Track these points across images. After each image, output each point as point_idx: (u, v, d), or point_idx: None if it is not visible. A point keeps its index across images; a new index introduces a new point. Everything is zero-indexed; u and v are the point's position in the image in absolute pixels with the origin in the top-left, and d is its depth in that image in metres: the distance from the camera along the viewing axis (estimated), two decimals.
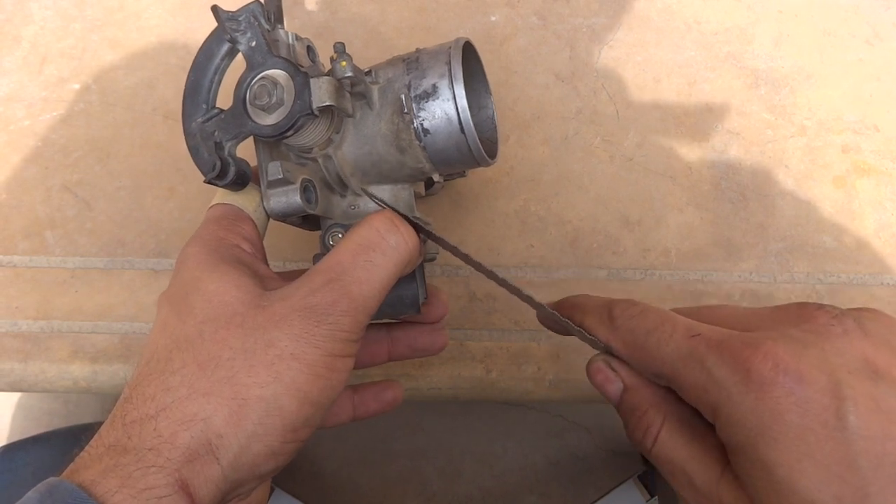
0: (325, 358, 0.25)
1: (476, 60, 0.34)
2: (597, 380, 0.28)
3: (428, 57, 0.30)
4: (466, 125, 0.29)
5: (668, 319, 0.26)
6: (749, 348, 0.23)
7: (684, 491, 0.25)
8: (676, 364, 0.25)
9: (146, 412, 0.24)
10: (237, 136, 0.29)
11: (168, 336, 0.26)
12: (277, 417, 0.24)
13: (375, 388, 0.35)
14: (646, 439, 0.26)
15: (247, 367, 0.24)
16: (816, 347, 0.22)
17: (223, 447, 0.23)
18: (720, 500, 0.24)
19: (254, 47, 0.29)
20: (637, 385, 0.27)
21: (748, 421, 0.22)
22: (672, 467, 0.26)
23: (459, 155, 0.30)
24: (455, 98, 0.29)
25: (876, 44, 0.46)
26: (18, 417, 1.00)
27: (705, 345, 0.24)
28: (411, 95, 0.29)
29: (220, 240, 0.28)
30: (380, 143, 0.30)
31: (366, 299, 0.26)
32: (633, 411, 0.27)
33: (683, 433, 0.26)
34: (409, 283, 0.32)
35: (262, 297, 0.26)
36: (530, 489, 0.95)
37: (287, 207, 0.29)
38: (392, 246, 0.28)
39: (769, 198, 0.42)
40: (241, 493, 0.26)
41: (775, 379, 0.22)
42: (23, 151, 0.44)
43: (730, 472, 0.24)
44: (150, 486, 0.22)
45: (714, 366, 0.23)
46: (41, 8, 0.47)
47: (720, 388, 0.23)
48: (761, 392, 0.22)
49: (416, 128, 0.30)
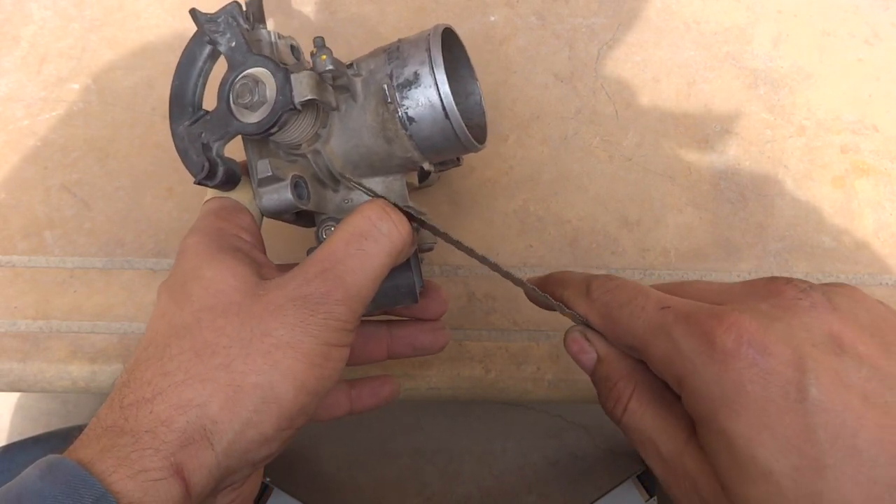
0: (320, 347, 0.25)
1: (459, 47, 0.33)
2: (572, 350, 0.29)
3: (408, 45, 0.30)
4: (450, 110, 0.29)
5: (641, 293, 0.26)
6: (714, 319, 0.23)
7: (651, 460, 0.26)
8: (646, 336, 0.25)
9: (143, 395, 0.24)
10: (223, 136, 0.29)
11: (166, 323, 0.26)
12: (273, 405, 0.24)
13: (372, 382, 0.35)
14: (616, 409, 0.27)
15: (243, 354, 0.25)
16: (782, 321, 0.22)
17: (218, 433, 0.24)
18: (684, 469, 0.24)
19: (234, 47, 0.29)
20: (610, 356, 0.28)
21: (711, 392, 0.22)
22: (640, 436, 0.26)
23: (446, 141, 0.30)
24: (437, 84, 0.29)
25: (875, 44, 0.46)
26: (17, 417, 1.00)
27: (673, 317, 0.24)
28: (394, 85, 0.29)
29: (219, 230, 0.29)
30: (366, 135, 0.30)
31: (360, 288, 0.27)
32: (605, 381, 0.28)
33: (652, 404, 0.26)
34: (405, 272, 0.32)
35: (259, 286, 0.26)
36: (529, 489, 0.95)
37: (279, 204, 0.29)
38: (384, 233, 0.28)
39: (768, 198, 0.42)
40: (235, 480, 0.26)
41: (738, 350, 0.22)
42: (22, 151, 0.44)
43: (694, 442, 0.24)
44: (145, 468, 0.22)
45: (680, 337, 0.23)
46: (40, 8, 0.47)
47: (685, 359, 0.23)
48: (724, 363, 0.22)
49: (401, 117, 0.29)
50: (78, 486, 0.21)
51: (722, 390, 0.22)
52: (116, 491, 0.22)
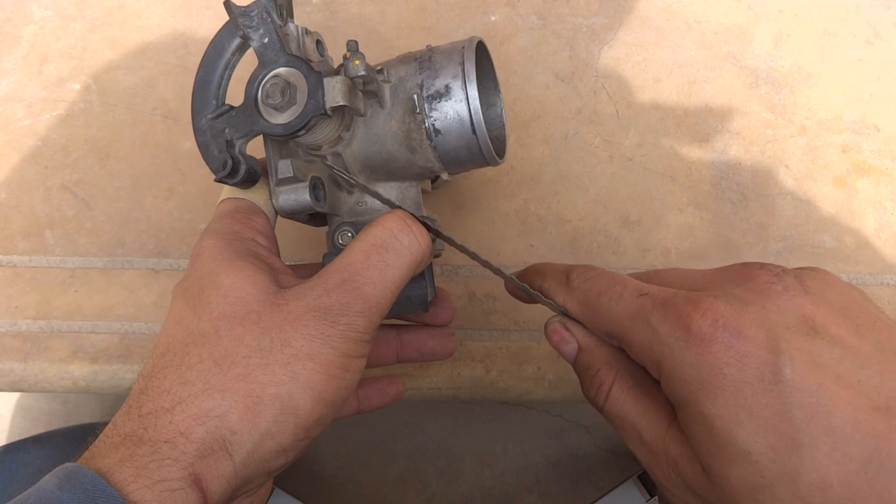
0: (339, 358, 0.25)
1: (486, 58, 0.33)
2: (553, 340, 0.29)
3: (441, 56, 0.30)
4: (478, 126, 0.29)
5: (619, 281, 0.27)
6: (690, 305, 0.23)
7: (634, 446, 0.26)
8: (625, 323, 0.26)
9: (162, 405, 0.24)
10: (248, 134, 0.28)
11: (184, 330, 0.26)
12: (291, 416, 0.24)
13: (380, 383, 0.36)
14: (598, 396, 0.27)
15: (262, 365, 0.24)
16: (756, 304, 0.23)
17: (237, 444, 0.24)
18: (666, 453, 0.24)
19: (266, 44, 0.29)
20: (590, 345, 0.28)
21: (689, 376, 0.23)
22: (623, 423, 0.26)
23: (470, 155, 0.30)
24: (468, 99, 0.29)
25: (876, 43, 0.46)
26: (18, 417, 1.00)
27: (651, 303, 0.25)
28: (423, 95, 0.29)
29: (236, 234, 0.28)
30: (390, 142, 0.30)
31: (379, 300, 0.27)
32: (586, 370, 0.28)
33: (633, 390, 0.26)
34: (418, 282, 0.32)
35: (278, 295, 0.26)
36: (530, 489, 0.95)
37: (296, 205, 0.29)
38: (405, 246, 0.28)
39: (769, 197, 0.42)
40: (250, 489, 0.26)
41: (714, 334, 0.22)
42: (22, 151, 0.44)
43: (675, 427, 0.24)
44: (164, 479, 0.22)
45: (658, 323, 0.24)
46: (41, 8, 0.47)
47: (663, 345, 0.24)
48: (701, 347, 0.22)
49: (428, 128, 0.29)
50: (96, 496, 0.21)
51: (699, 374, 0.22)
52: (134, 501, 0.21)
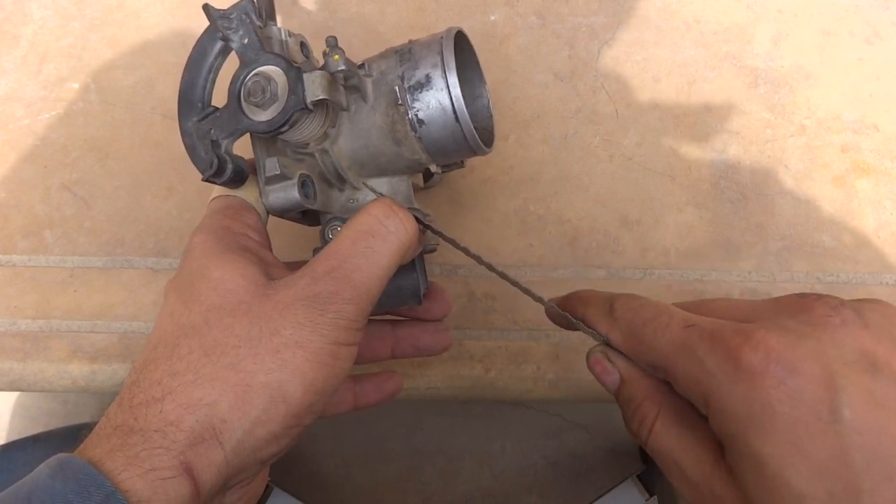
0: (329, 346, 0.25)
1: (469, 50, 0.33)
2: (595, 370, 0.28)
3: (420, 47, 0.30)
4: (461, 114, 0.29)
5: (665, 311, 0.26)
6: (740, 337, 0.22)
7: (679, 483, 0.25)
8: (670, 355, 0.24)
9: (153, 395, 0.24)
10: (233, 133, 0.29)
11: (175, 323, 0.26)
12: (282, 404, 0.25)
13: (377, 378, 0.36)
14: (641, 430, 0.26)
15: (252, 354, 0.25)
16: (812, 338, 0.22)
17: (227, 432, 0.24)
18: (712, 492, 0.23)
19: (246, 44, 0.29)
20: (633, 377, 0.27)
21: (738, 412, 0.22)
22: (667, 459, 0.25)
23: (455, 144, 0.30)
24: (449, 87, 0.29)
25: (875, 43, 0.46)
26: (17, 417, 1.00)
27: (698, 335, 0.24)
28: (405, 87, 0.29)
29: (227, 228, 0.29)
30: (375, 136, 0.30)
31: (368, 286, 0.27)
32: (629, 402, 0.27)
33: (678, 425, 0.25)
34: (409, 272, 0.32)
35: (267, 286, 0.26)
36: (529, 489, 0.95)
37: (285, 203, 0.29)
38: (391, 231, 0.28)
39: (768, 197, 0.42)
40: (243, 478, 0.26)
41: (766, 369, 0.21)
42: (22, 151, 0.44)
43: (723, 465, 0.23)
44: (155, 467, 0.22)
45: (705, 355, 0.23)
46: (40, 7, 0.47)
47: (711, 378, 0.22)
48: (752, 382, 0.21)
49: (411, 119, 0.29)
50: (87, 485, 0.21)
51: (750, 410, 0.21)
52: (126, 489, 0.22)
